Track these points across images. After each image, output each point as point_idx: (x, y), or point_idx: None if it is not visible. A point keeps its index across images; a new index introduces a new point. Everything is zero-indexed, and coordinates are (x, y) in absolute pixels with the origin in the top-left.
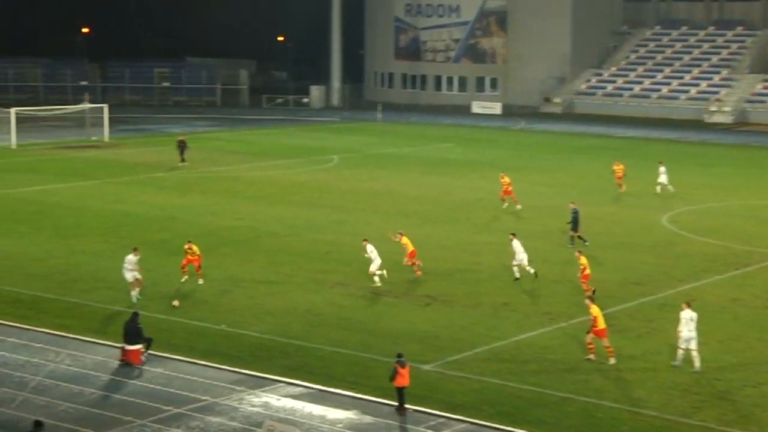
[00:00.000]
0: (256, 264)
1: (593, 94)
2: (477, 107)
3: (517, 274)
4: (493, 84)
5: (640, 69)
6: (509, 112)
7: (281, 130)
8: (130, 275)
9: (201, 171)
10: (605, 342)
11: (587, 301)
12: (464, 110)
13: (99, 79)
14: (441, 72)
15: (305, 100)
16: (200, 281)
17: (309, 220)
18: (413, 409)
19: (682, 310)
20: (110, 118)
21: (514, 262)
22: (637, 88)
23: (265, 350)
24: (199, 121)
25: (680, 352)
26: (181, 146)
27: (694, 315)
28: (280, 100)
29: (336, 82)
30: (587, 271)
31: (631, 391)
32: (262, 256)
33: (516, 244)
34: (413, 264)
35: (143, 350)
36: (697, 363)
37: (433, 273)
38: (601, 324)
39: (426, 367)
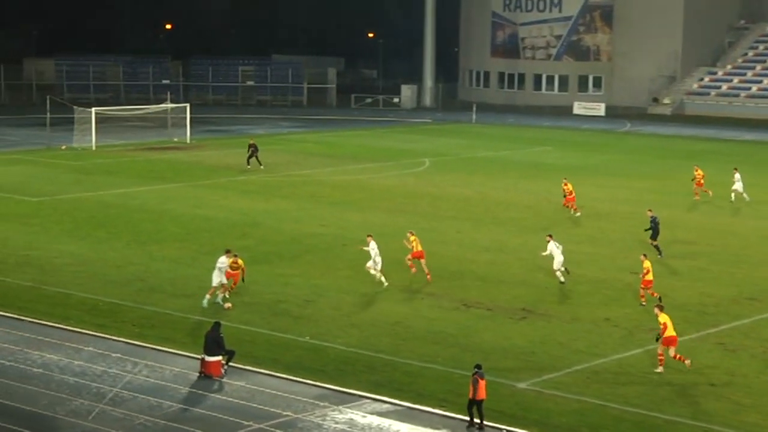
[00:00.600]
0: (342, 273)
1: (706, 93)
2: (579, 108)
3: (562, 279)
4: (597, 83)
5: (759, 67)
6: (614, 113)
7: (370, 131)
8: (218, 279)
9: (285, 174)
10: (673, 351)
11: (656, 310)
12: (565, 111)
13: (181, 78)
14: (540, 70)
15: (396, 100)
16: (226, 304)
17: (397, 228)
18: (507, 430)
19: None
20: (192, 119)
21: (555, 266)
22: (754, 88)
23: (351, 364)
24: (284, 121)
25: None
26: (253, 150)
27: None
28: (369, 100)
29: (429, 81)
30: (649, 276)
31: (746, 415)
32: (347, 265)
33: (552, 247)
34: (411, 264)
35: (224, 362)
36: None
37: (529, 284)
38: (671, 331)
39: (521, 385)
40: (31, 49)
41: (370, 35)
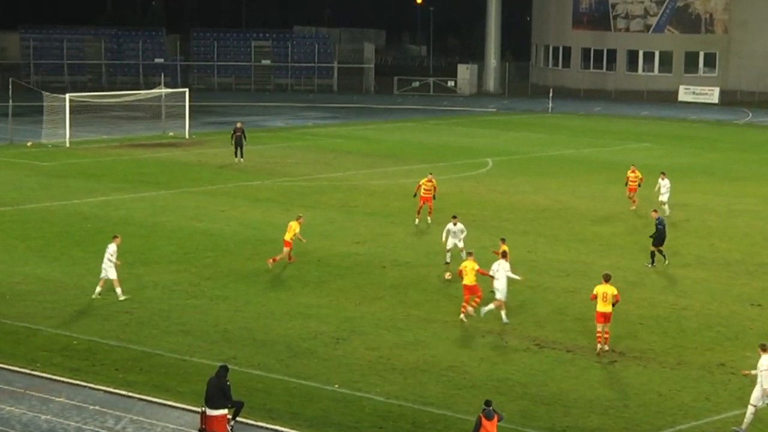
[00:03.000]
0: (381, 304)
1: None
2: (686, 93)
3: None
4: (709, 61)
5: None
6: (731, 99)
7: (417, 123)
8: (110, 270)
9: (310, 178)
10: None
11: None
12: (668, 97)
13: (179, 56)
14: (637, 45)
15: (451, 83)
16: None
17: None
18: None
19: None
20: (192, 108)
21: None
22: None
23: (392, 420)
24: (308, 111)
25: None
26: (238, 136)
27: None
28: (416, 84)
29: (492, 59)
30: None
31: None
32: (388, 293)
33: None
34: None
35: (230, 417)
36: None
37: (621, 319)
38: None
39: None
40: None
41: (418, 1)
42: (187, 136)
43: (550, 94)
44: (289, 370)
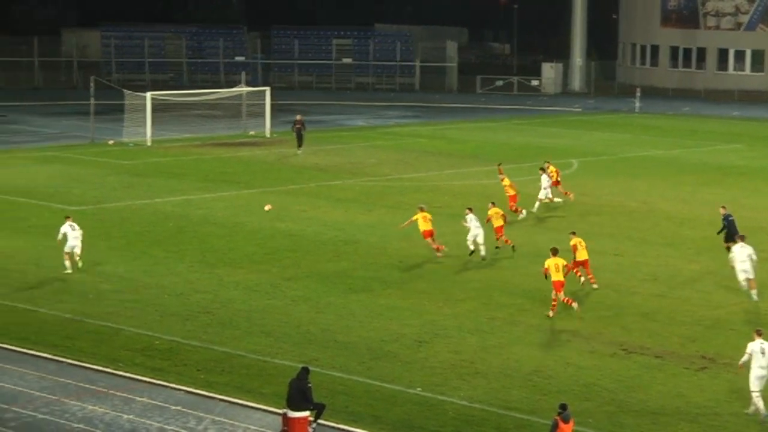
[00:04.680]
0: (465, 306)
1: None
2: None
3: (472, 247)
4: None
5: None
6: None
7: (501, 123)
8: (70, 243)
9: (392, 178)
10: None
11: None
12: (760, 97)
13: (259, 54)
14: (728, 44)
15: (535, 82)
16: None
17: (534, 248)
18: None
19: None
20: (273, 106)
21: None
22: None
23: (476, 424)
24: (390, 110)
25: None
26: (298, 128)
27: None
28: (500, 83)
29: (578, 58)
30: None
31: None
32: (471, 295)
33: (471, 219)
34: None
35: (312, 419)
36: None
37: (711, 324)
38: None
39: None
40: (72, 18)
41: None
42: (267, 135)
43: (637, 94)
44: (370, 372)
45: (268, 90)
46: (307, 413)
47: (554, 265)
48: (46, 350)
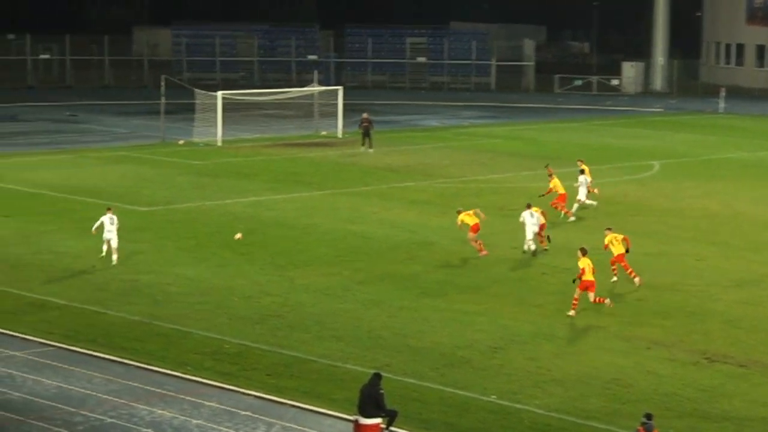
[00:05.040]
0: (540, 312)
1: None
2: None
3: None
4: None
5: None
6: None
7: (580, 123)
8: (106, 237)
9: (467, 179)
10: (591, 296)
11: (579, 253)
12: None
13: (332, 53)
14: None
15: (615, 82)
16: None
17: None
18: None
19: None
20: (346, 106)
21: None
22: None
23: None
24: (465, 110)
25: None
26: (365, 126)
27: None
28: (579, 83)
29: (660, 56)
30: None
31: None
32: (548, 300)
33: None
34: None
35: (384, 426)
36: None
37: None
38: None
39: None
40: (143, 17)
41: None
42: (339, 136)
43: (722, 94)
44: (444, 379)
45: (340, 89)
46: (378, 420)
47: (588, 267)
48: (114, 353)
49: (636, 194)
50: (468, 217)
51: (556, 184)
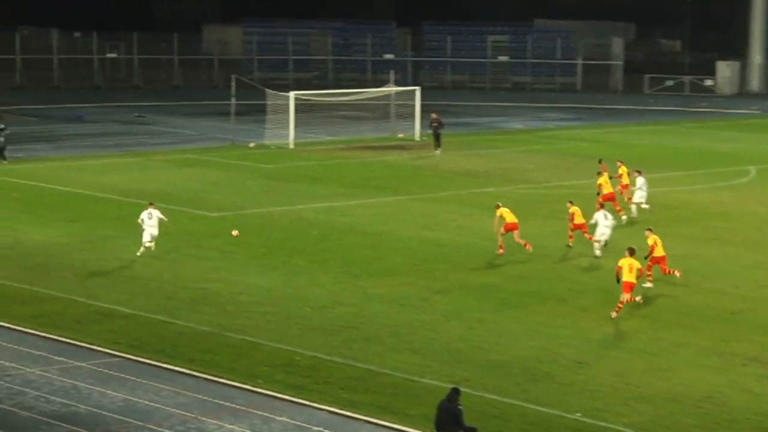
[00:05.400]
0: (628, 325)
1: None
2: None
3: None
4: None
5: None
6: None
7: (670, 126)
8: (148, 232)
9: (550, 185)
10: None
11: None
12: None
13: (410, 51)
14: None
15: (709, 82)
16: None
17: (708, 262)
18: None
19: None
20: (424, 107)
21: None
22: None
23: None
24: (549, 111)
25: None
26: (435, 127)
27: None
28: (670, 83)
29: (757, 55)
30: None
31: None
32: (636, 313)
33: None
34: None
35: None
36: None
37: None
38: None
39: None
40: (213, 13)
41: None
42: (417, 138)
43: None
44: (526, 395)
45: (418, 90)
46: None
47: (628, 266)
48: (183, 364)
49: (731, 201)
50: (507, 213)
51: (604, 181)
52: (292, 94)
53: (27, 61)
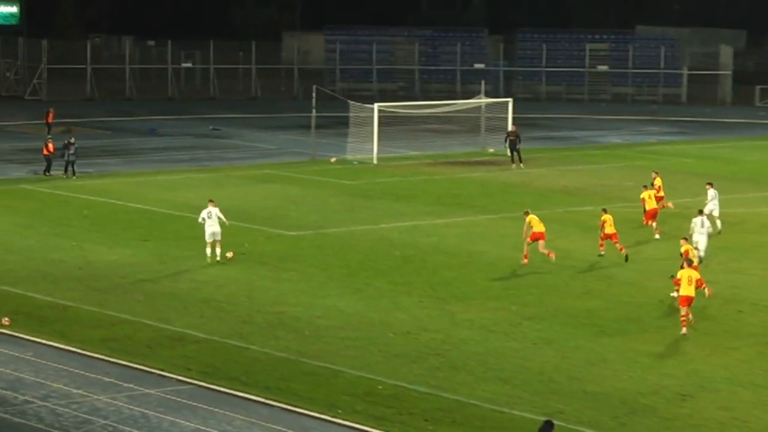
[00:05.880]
0: (737, 355)
1: None
2: None
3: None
4: None
5: None
6: None
7: None
8: (209, 231)
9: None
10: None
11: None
12: None
13: (502, 60)
14: None
15: None
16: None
17: None
18: None
19: None
20: (516, 120)
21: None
22: None
23: None
24: (651, 124)
25: None
26: (512, 140)
27: None
28: None
29: None
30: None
31: None
32: (745, 342)
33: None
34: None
35: None
36: None
37: None
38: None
39: None
40: (293, 20)
41: None
42: (509, 153)
43: None
44: (624, 429)
45: (510, 101)
46: None
47: (687, 278)
48: (258, 393)
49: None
50: (535, 222)
51: (648, 195)
52: (376, 106)
53: (98, 71)
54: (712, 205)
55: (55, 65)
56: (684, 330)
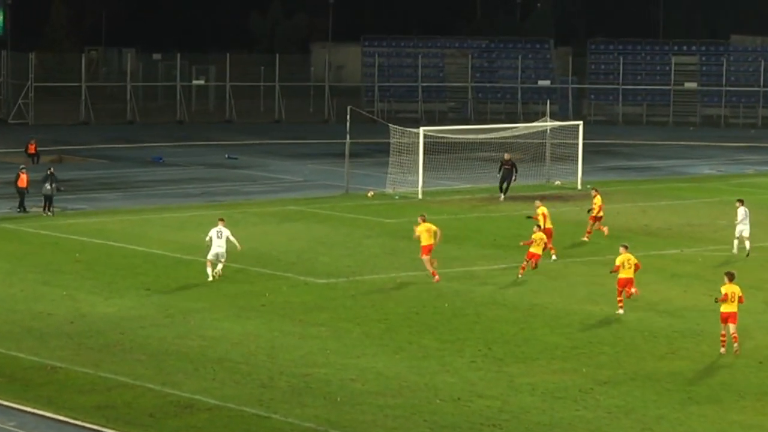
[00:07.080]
0: None
1: None
2: None
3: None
4: None
5: None
6: None
7: None
8: (214, 251)
9: (755, 247)
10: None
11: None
12: None
13: (570, 76)
14: None
15: None
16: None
17: None
18: None
19: None
20: (587, 147)
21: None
22: None
23: None
24: (748, 153)
25: None
26: (507, 169)
27: None
28: None
29: None
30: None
31: None
32: None
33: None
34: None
35: None
36: None
37: None
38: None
39: None
40: (325, 31)
41: None
42: (578, 186)
43: None
44: None
45: (581, 125)
46: None
47: (731, 294)
48: None
49: None
50: (426, 234)
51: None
52: (421, 131)
53: (94, 89)
54: (743, 226)
55: (43, 83)
56: (723, 349)
